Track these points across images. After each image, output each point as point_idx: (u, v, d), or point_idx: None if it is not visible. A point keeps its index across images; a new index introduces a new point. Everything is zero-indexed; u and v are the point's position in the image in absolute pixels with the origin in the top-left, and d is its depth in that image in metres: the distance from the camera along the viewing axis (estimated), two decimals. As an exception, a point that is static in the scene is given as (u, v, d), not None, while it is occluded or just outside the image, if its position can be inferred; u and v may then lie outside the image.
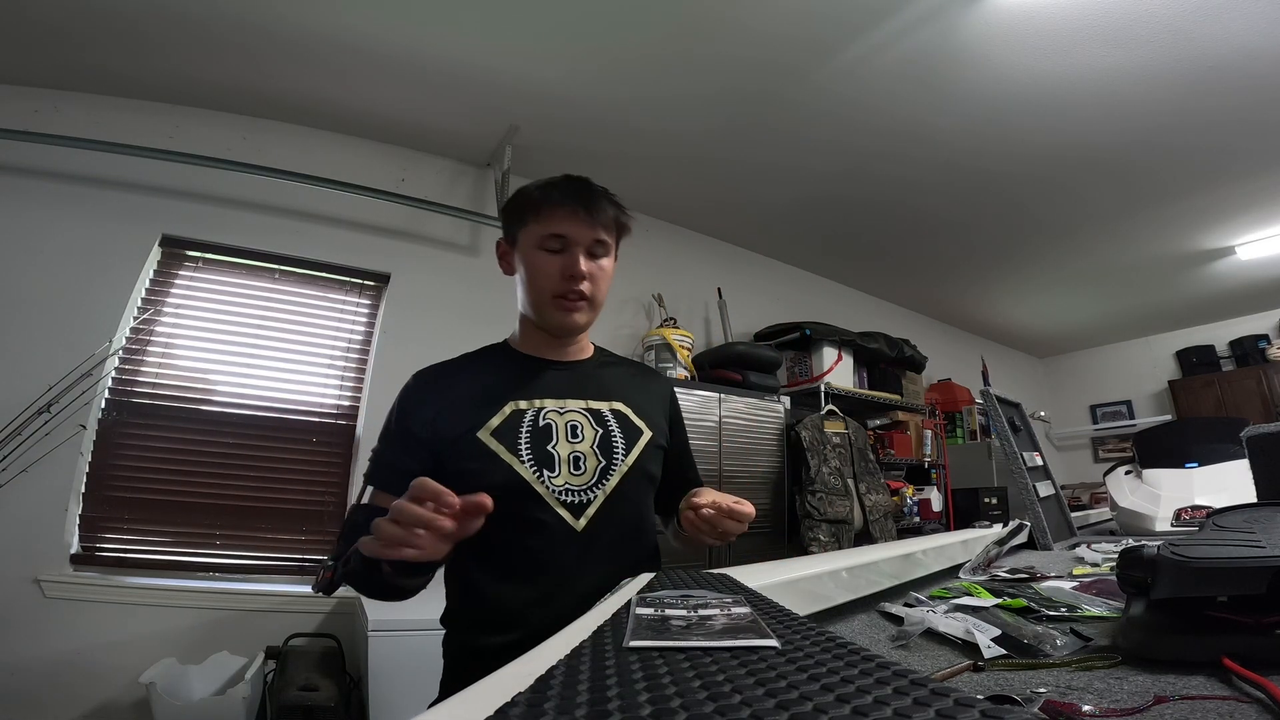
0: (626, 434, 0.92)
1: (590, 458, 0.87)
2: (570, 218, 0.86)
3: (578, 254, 0.87)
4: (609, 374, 0.99)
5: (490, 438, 0.84)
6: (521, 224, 0.89)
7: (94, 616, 1.98)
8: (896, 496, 3.29)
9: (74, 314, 2.17)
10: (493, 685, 0.25)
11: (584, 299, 0.88)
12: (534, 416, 0.87)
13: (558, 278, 0.87)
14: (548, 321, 0.91)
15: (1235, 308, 5.07)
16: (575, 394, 0.93)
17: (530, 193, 0.89)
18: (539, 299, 0.89)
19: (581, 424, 0.89)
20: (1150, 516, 1.33)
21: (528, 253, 0.89)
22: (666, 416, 1.02)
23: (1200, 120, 2.64)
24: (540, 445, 0.85)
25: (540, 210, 0.87)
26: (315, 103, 2.53)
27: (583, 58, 2.30)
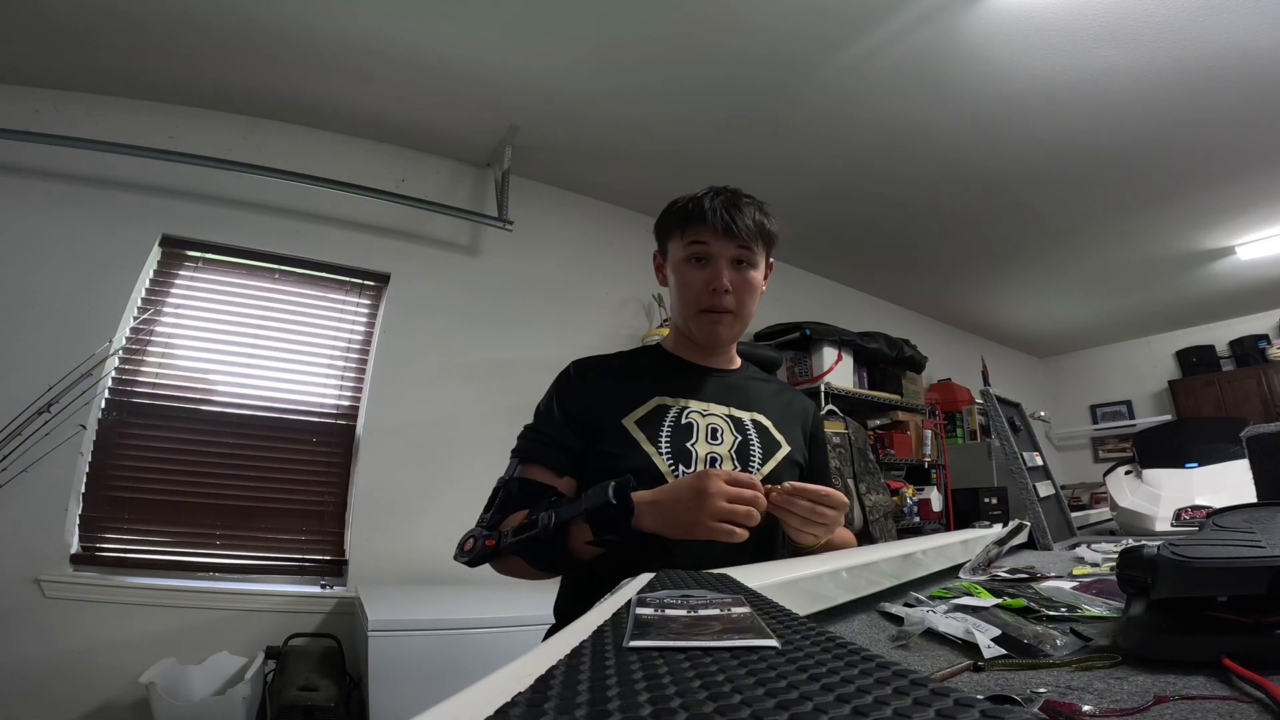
0: (765, 444, 0.94)
1: (726, 461, 0.89)
2: (712, 230, 0.88)
3: (721, 267, 0.89)
4: (754, 387, 1.02)
5: (634, 425, 0.88)
6: (669, 237, 0.94)
7: (94, 616, 1.98)
8: (896, 496, 3.29)
9: (74, 314, 2.17)
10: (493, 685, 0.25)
11: (729, 312, 0.91)
12: (677, 414, 0.90)
13: (702, 290, 0.90)
14: (695, 333, 0.94)
15: (1235, 308, 5.07)
16: (719, 400, 0.96)
17: (677, 206, 0.93)
18: (686, 311, 0.93)
19: (722, 428, 0.92)
20: (1150, 516, 1.33)
21: (676, 265, 0.93)
22: (806, 435, 1.03)
23: (1200, 120, 2.64)
24: (680, 441, 0.88)
25: (686, 224, 0.90)
26: (315, 103, 2.53)
27: (583, 58, 2.30)
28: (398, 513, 2.47)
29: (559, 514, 0.75)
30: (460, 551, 0.79)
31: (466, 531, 0.81)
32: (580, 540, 0.75)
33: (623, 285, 3.29)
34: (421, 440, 2.58)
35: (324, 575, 2.38)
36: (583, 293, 3.16)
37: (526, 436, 0.91)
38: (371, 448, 2.52)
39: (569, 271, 3.17)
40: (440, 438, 2.62)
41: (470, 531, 0.81)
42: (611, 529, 0.73)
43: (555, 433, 0.89)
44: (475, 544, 0.78)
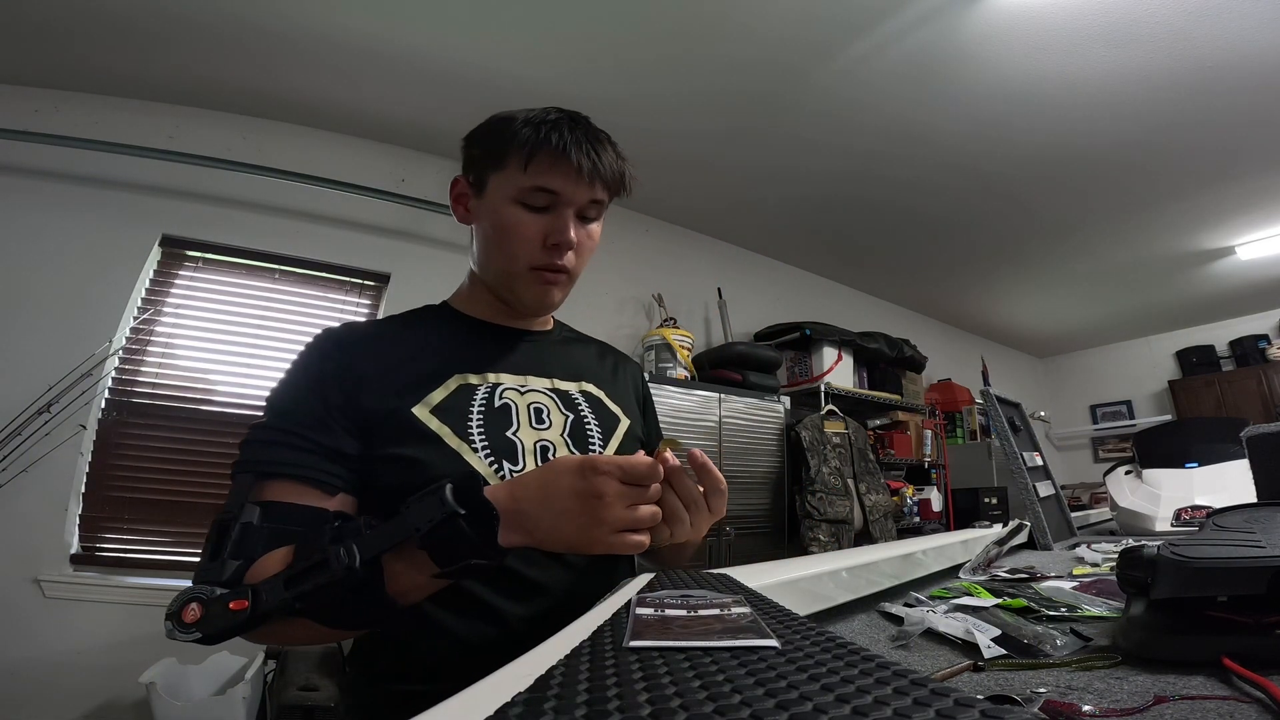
0: (602, 421, 0.77)
1: (560, 448, 0.70)
2: (567, 171, 0.66)
3: (568, 217, 0.69)
4: (576, 351, 0.85)
5: (431, 415, 0.65)
6: (498, 166, 0.69)
7: (94, 616, 1.98)
8: (896, 496, 3.29)
9: (74, 314, 2.17)
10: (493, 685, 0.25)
11: (565, 272, 0.71)
12: (488, 394, 0.70)
13: (538, 244, 0.69)
14: (517, 295, 0.74)
15: (1235, 308, 5.07)
16: (537, 370, 0.76)
17: (517, 129, 0.68)
18: (509, 266, 0.71)
19: (547, 407, 0.73)
20: (1150, 516, 1.33)
21: (500, 205, 0.69)
22: (640, 403, 0.88)
23: (1200, 120, 2.64)
24: (497, 430, 0.67)
25: (532, 155, 0.66)
26: (315, 103, 2.53)
27: (582, 57, 2.30)
28: (398, 513, 2.47)
29: (363, 544, 0.49)
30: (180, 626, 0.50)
31: (180, 594, 0.51)
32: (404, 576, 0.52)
33: (622, 285, 3.29)
34: (421, 440, 2.58)
35: (324, 575, 2.38)
36: (582, 293, 3.11)
37: (261, 441, 0.61)
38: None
39: (569, 271, 3.15)
40: (440, 438, 2.62)
41: (188, 593, 0.51)
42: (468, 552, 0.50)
43: (315, 432, 0.62)
44: (206, 611, 0.50)
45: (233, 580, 0.53)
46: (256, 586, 0.50)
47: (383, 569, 0.51)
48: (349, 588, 0.49)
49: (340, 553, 0.49)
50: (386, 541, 0.50)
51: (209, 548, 0.55)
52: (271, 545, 0.56)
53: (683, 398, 2.69)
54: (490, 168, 0.71)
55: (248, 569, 0.54)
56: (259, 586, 0.50)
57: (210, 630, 0.50)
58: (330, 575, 0.49)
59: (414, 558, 0.51)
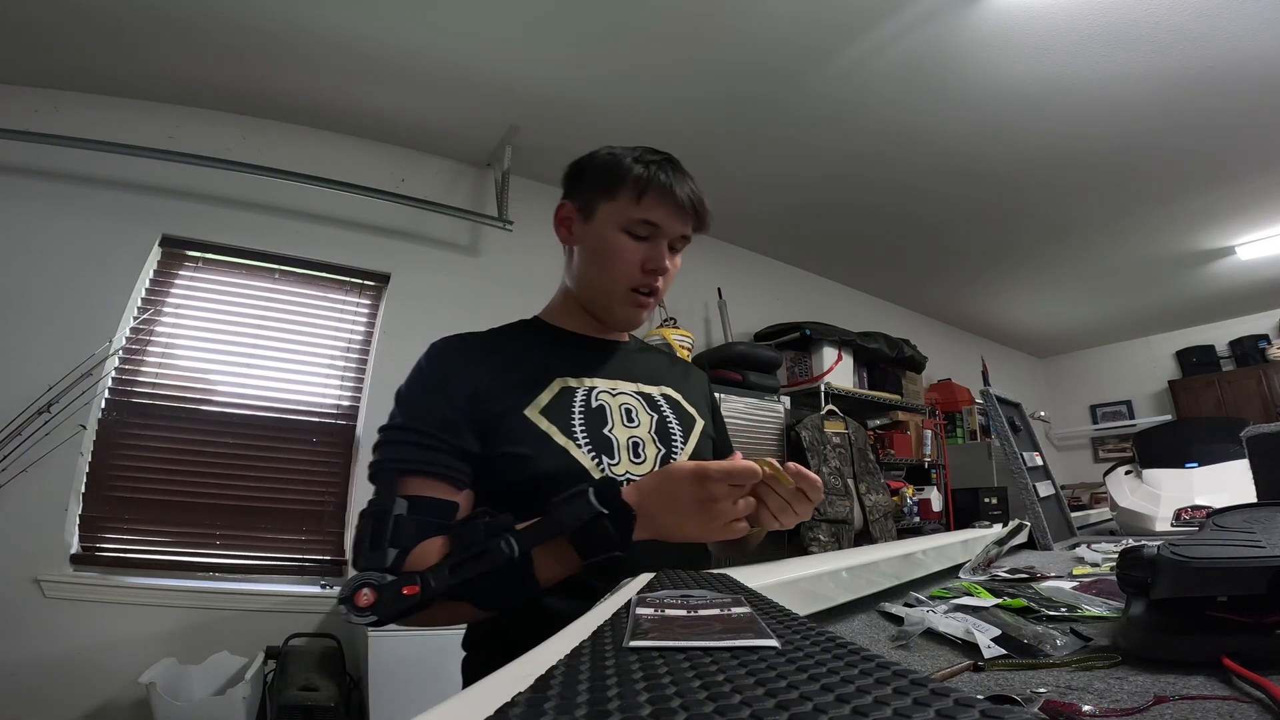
0: (682, 420, 0.85)
1: (649, 444, 0.79)
2: (671, 208, 0.77)
3: (664, 247, 0.78)
4: (650, 359, 0.93)
5: (540, 416, 0.74)
6: (609, 197, 0.78)
7: (94, 616, 1.98)
8: (896, 496, 3.29)
9: (74, 314, 2.17)
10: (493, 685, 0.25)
11: (655, 295, 0.81)
12: (585, 396, 0.78)
13: (638, 269, 0.78)
14: (612, 312, 0.82)
15: (1235, 308, 5.08)
16: (625, 375, 0.85)
17: (629, 166, 0.77)
18: (610, 286, 0.80)
19: (635, 407, 0.82)
20: (1150, 516, 1.33)
21: (607, 232, 0.78)
22: (709, 406, 0.96)
23: (1200, 120, 2.64)
24: (596, 428, 0.76)
25: (643, 193, 0.76)
26: (315, 103, 2.53)
27: (583, 58, 2.30)
28: (398, 513, 2.47)
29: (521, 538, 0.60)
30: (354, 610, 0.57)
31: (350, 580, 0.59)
32: (553, 565, 0.62)
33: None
34: (421, 440, 2.58)
35: (324, 575, 2.38)
36: (583, 293, 3.15)
37: (399, 441, 0.70)
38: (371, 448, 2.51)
39: (569, 271, 3.16)
40: (440, 438, 2.62)
41: (360, 579, 0.58)
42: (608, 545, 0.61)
43: (444, 433, 0.70)
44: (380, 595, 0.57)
45: (395, 566, 0.61)
46: (424, 573, 0.58)
47: (533, 559, 0.61)
48: (507, 575, 0.60)
49: (501, 545, 0.59)
50: (542, 536, 0.61)
51: (367, 537, 0.63)
52: (420, 535, 0.64)
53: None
54: (601, 197, 0.79)
55: (405, 557, 0.63)
56: (426, 573, 0.58)
57: (384, 613, 0.58)
58: (492, 563, 0.59)
59: (558, 549, 0.62)
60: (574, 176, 0.85)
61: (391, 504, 0.64)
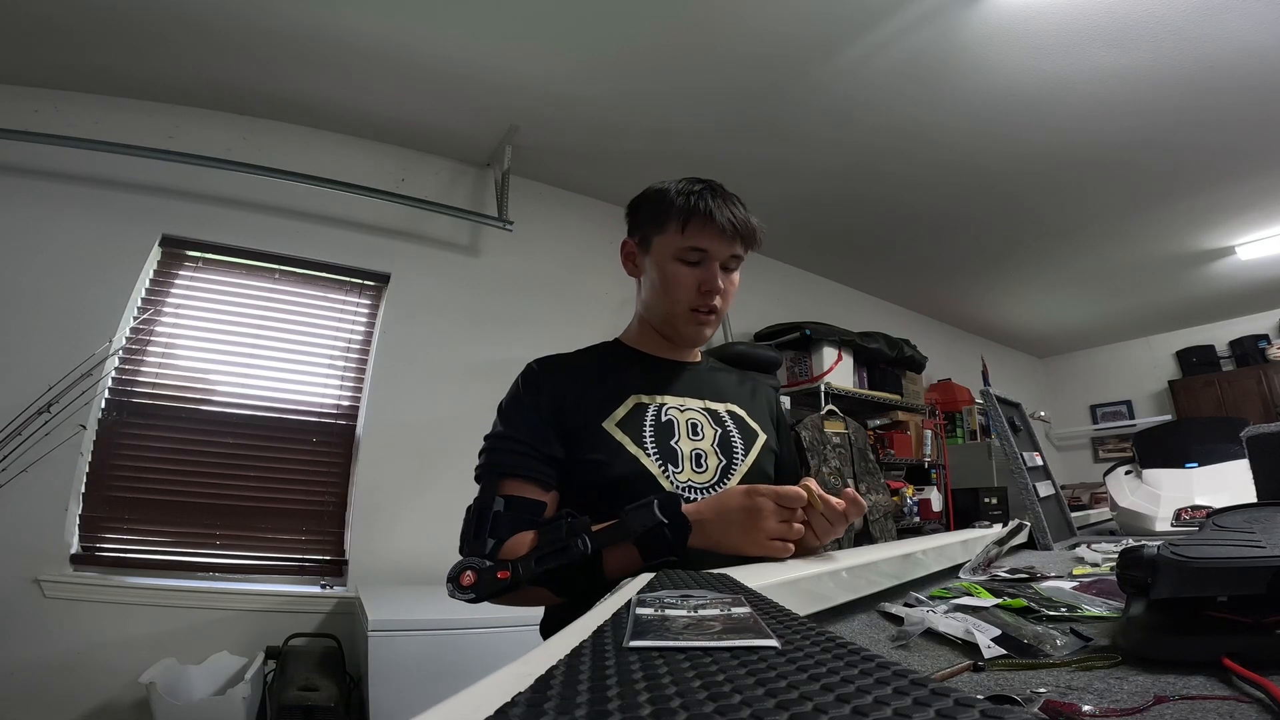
0: (744, 435, 0.92)
1: (711, 456, 0.87)
2: (714, 233, 0.85)
3: (715, 269, 0.87)
4: (719, 378, 1.01)
5: (615, 428, 0.84)
6: (660, 230, 0.88)
7: (94, 616, 1.98)
8: (896, 496, 3.29)
9: (74, 314, 2.17)
10: (493, 685, 0.25)
11: (714, 312, 0.89)
12: (656, 411, 0.88)
13: (694, 291, 0.87)
14: (678, 332, 0.92)
15: (1235, 308, 5.07)
16: (693, 393, 0.93)
17: (672, 199, 0.87)
18: (672, 310, 0.89)
19: (701, 422, 0.90)
20: (1150, 516, 1.33)
21: (663, 262, 0.88)
22: (774, 422, 1.02)
23: (1200, 120, 2.64)
24: (664, 440, 0.85)
25: (687, 223, 0.85)
26: (315, 103, 2.53)
27: (583, 58, 2.30)
28: (398, 513, 2.47)
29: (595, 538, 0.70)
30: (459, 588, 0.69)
31: (457, 564, 0.71)
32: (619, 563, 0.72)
33: (623, 285, 3.25)
34: (421, 440, 2.58)
35: (324, 575, 2.38)
36: (583, 293, 3.15)
37: (500, 448, 0.83)
38: (371, 448, 2.52)
39: (569, 271, 3.16)
40: (440, 437, 2.62)
41: (465, 563, 0.71)
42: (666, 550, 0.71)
43: (536, 441, 0.82)
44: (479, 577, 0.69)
45: (492, 554, 0.74)
46: (515, 562, 0.70)
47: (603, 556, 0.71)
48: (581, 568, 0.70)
49: (579, 543, 0.69)
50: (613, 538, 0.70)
51: (471, 528, 0.77)
52: (514, 529, 0.76)
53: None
54: (654, 231, 0.89)
55: (501, 546, 0.75)
56: (516, 562, 0.69)
57: (482, 593, 0.69)
58: (570, 558, 0.69)
59: (625, 549, 0.71)
60: (632, 214, 0.95)
61: (492, 501, 0.77)
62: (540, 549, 0.70)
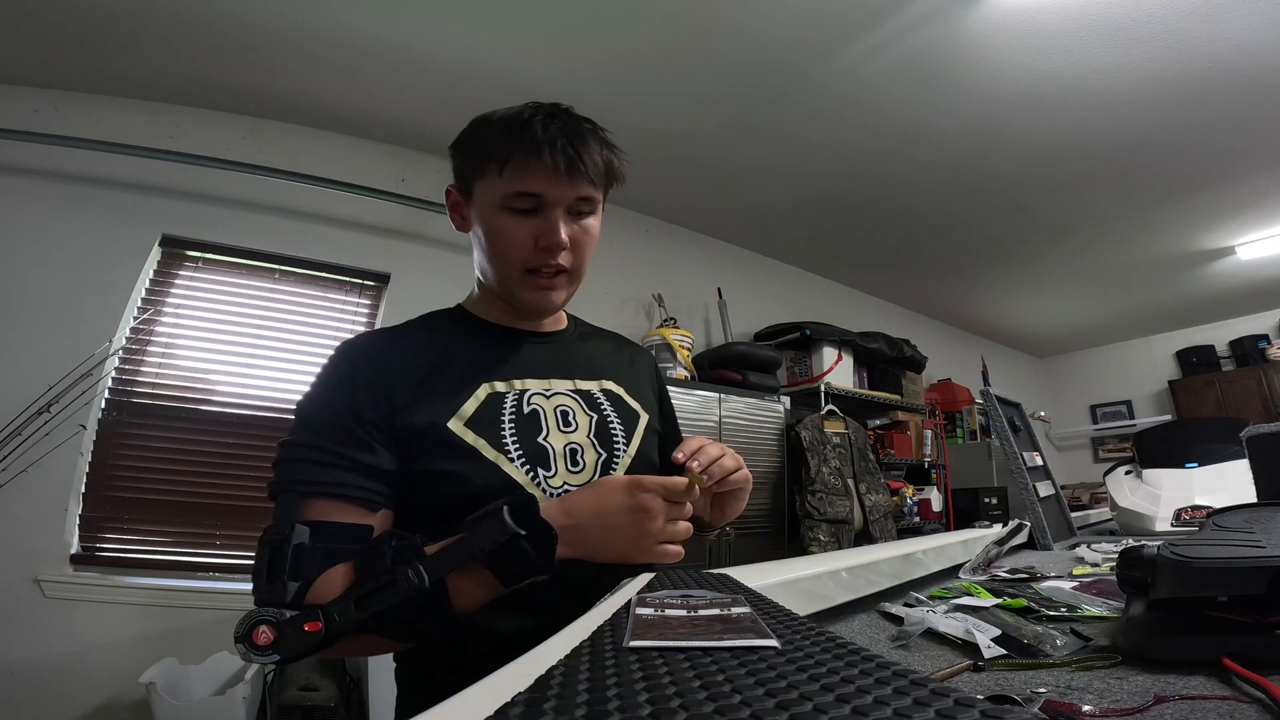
0: (624, 419, 0.77)
1: (588, 450, 0.71)
2: (547, 173, 0.64)
3: (556, 217, 0.66)
4: (592, 347, 0.84)
5: (466, 429, 0.65)
6: (480, 173, 0.67)
7: (94, 616, 1.98)
8: (896, 496, 3.29)
9: (74, 314, 2.17)
10: (492, 685, 0.25)
11: (563, 272, 0.70)
12: (516, 401, 0.70)
13: (529, 247, 0.67)
14: (517, 298, 0.72)
15: (1235, 308, 5.08)
16: (560, 372, 0.76)
17: (487, 133, 0.67)
18: (505, 271, 0.70)
19: (573, 409, 0.73)
20: (1150, 516, 1.33)
21: (488, 211, 0.67)
22: (655, 394, 0.87)
23: (1200, 120, 2.64)
24: (529, 437, 0.68)
25: (507, 159, 0.64)
26: (315, 103, 2.53)
27: (582, 57, 2.30)
28: (398, 513, 2.47)
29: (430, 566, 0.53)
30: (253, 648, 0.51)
31: (246, 616, 0.52)
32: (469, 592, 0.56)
33: (622, 285, 3.29)
34: (421, 440, 2.58)
35: (324, 575, 2.38)
36: (582, 292, 3.11)
37: (302, 459, 0.62)
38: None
39: (569, 271, 3.16)
40: (440, 438, 2.62)
41: (256, 615, 0.52)
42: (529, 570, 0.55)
43: (353, 449, 0.62)
44: (280, 633, 0.51)
45: (295, 601, 0.54)
46: (327, 607, 0.52)
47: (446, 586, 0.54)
48: (418, 605, 0.53)
49: (409, 574, 0.52)
50: (453, 563, 0.54)
51: (264, 569, 0.55)
52: (325, 565, 0.57)
53: (683, 398, 2.69)
54: (474, 175, 0.69)
55: (308, 589, 0.55)
56: (329, 607, 0.52)
57: (286, 652, 0.51)
58: (401, 594, 0.52)
59: (475, 574, 0.55)
60: (452, 156, 0.73)
61: (291, 531, 0.56)
62: (359, 587, 0.53)
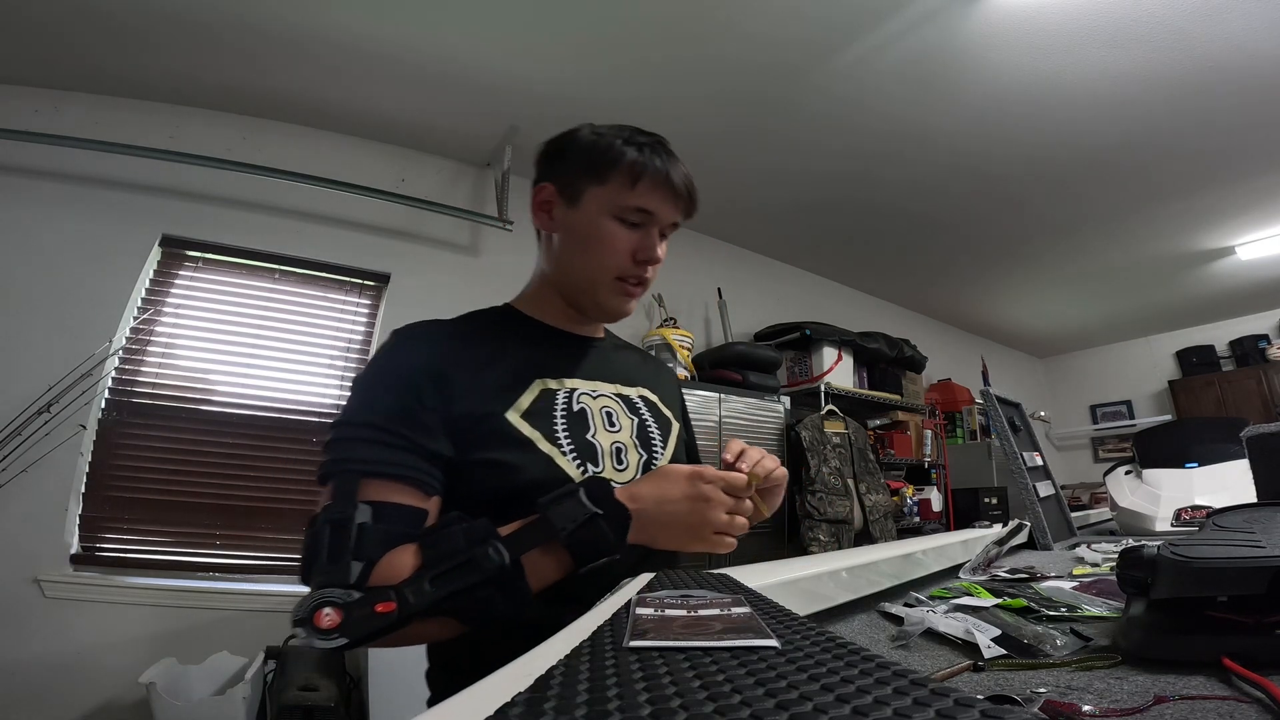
0: (659, 424, 0.81)
1: (631, 450, 0.75)
2: (667, 194, 0.72)
3: (655, 235, 0.74)
4: (626, 357, 0.89)
5: (522, 421, 0.68)
6: (599, 181, 0.72)
7: (94, 616, 1.98)
8: (896, 496, 3.29)
9: (74, 314, 2.17)
10: (493, 685, 0.25)
11: (642, 283, 0.76)
12: (567, 399, 0.73)
13: (628, 258, 0.73)
14: (598, 302, 0.76)
15: (1235, 308, 5.08)
16: (602, 376, 0.80)
17: (620, 149, 0.71)
18: (596, 275, 0.74)
19: (616, 411, 0.77)
20: (1150, 516, 1.33)
21: (595, 218, 0.72)
22: (680, 406, 0.93)
23: (1200, 120, 2.64)
24: (579, 434, 0.71)
25: (638, 177, 0.70)
26: (315, 103, 2.53)
27: (583, 57, 2.30)
28: (398, 513, 2.47)
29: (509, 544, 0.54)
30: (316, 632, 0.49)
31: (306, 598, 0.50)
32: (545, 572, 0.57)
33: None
34: (421, 440, 2.58)
35: (324, 575, 2.38)
36: (583, 293, 3.16)
37: (361, 439, 0.61)
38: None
39: (569, 271, 3.16)
40: (440, 438, 2.62)
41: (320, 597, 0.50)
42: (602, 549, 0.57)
43: (413, 432, 0.62)
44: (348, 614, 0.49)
45: (360, 582, 0.53)
46: (400, 588, 0.51)
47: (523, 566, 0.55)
48: (497, 585, 0.53)
49: (489, 552, 0.53)
50: (532, 541, 0.56)
51: (325, 548, 0.54)
52: (386, 546, 0.56)
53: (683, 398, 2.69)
54: (589, 181, 0.73)
55: (371, 570, 0.54)
56: (402, 588, 0.51)
57: (354, 634, 0.50)
58: (481, 573, 0.53)
59: (550, 554, 0.57)
60: (554, 157, 0.77)
61: (353, 510, 0.56)
62: (434, 566, 0.53)
